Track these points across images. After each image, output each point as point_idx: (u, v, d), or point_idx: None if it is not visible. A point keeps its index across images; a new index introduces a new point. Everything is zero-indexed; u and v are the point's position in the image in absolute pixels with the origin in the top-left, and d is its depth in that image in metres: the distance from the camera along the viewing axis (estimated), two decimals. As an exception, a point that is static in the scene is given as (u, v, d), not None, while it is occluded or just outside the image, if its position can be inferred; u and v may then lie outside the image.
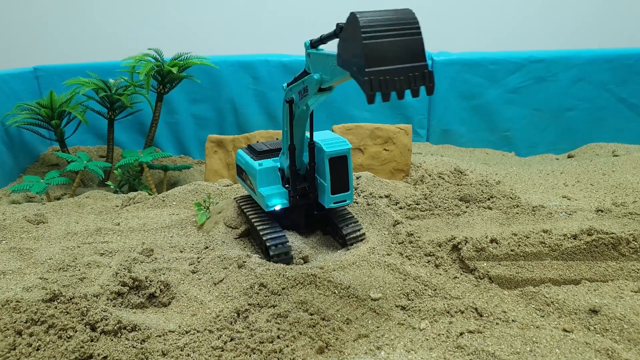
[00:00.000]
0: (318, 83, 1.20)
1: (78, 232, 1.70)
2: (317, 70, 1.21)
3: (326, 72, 1.17)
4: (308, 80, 1.25)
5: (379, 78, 0.90)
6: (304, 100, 1.31)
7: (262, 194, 1.46)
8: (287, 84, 1.41)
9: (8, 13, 3.30)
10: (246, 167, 1.57)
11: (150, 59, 2.51)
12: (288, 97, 1.37)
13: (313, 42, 1.23)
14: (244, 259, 1.43)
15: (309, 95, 1.27)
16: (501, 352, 0.99)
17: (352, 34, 0.93)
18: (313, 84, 1.23)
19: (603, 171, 2.18)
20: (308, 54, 1.23)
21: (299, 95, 1.34)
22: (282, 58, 2.97)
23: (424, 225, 1.66)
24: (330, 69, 1.13)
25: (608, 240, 1.35)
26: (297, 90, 1.34)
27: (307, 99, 1.29)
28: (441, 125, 3.01)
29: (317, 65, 1.21)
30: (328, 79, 1.17)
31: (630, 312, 1.11)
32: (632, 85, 2.78)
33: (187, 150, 3.13)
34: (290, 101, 1.36)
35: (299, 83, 1.32)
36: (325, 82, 1.20)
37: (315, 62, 1.21)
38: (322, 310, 1.16)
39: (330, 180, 1.44)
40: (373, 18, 0.92)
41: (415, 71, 0.93)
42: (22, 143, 2.75)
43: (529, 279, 1.31)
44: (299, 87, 1.32)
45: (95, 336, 1.08)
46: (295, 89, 1.34)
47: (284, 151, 1.50)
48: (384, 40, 0.92)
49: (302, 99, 1.32)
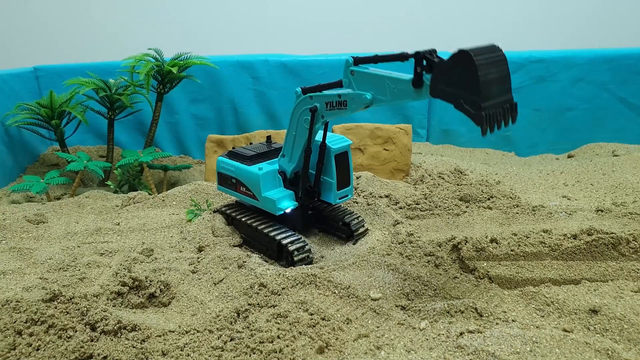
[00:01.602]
0: (368, 102, 1.22)
1: (78, 232, 1.71)
2: (366, 89, 1.22)
3: (381, 93, 1.19)
4: (353, 97, 1.25)
5: (489, 112, 1.02)
6: (337, 114, 1.31)
7: (271, 198, 1.45)
8: (301, 89, 1.39)
9: (8, 13, 3.30)
10: (239, 173, 1.54)
11: (150, 59, 2.51)
12: (311, 106, 1.36)
13: (358, 59, 1.26)
14: (244, 259, 1.43)
15: (347, 109, 1.28)
16: (501, 352, 0.99)
17: (461, 69, 1.02)
18: (361, 103, 1.23)
19: (603, 171, 2.18)
20: (351, 71, 1.23)
21: (326, 105, 1.33)
22: (282, 58, 2.97)
23: (424, 225, 1.66)
24: (391, 91, 1.17)
25: (608, 240, 1.35)
26: (327, 101, 1.32)
27: (343, 113, 1.29)
28: (441, 125, 3.01)
29: (365, 84, 1.22)
30: (385, 99, 1.20)
31: (630, 312, 1.11)
32: (632, 85, 2.78)
33: (187, 150, 3.13)
34: (314, 110, 1.35)
35: (332, 95, 1.30)
36: (379, 102, 1.22)
37: (364, 81, 1.22)
38: (322, 310, 1.16)
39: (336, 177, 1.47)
40: (481, 56, 1.02)
41: (507, 103, 1.06)
42: (22, 143, 2.75)
43: (529, 279, 1.31)
44: (331, 99, 1.31)
45: (95, 336, 1.08)
46: (324, 99, 1.33)
47: (285, 153, 1.50)
48: (491, 77, 1.03)
49: (332, 111, 1.32)
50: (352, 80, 1.26)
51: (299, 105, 1.41)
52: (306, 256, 1.43)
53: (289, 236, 1.46)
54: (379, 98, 1.22)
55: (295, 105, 1.41)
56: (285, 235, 1.46)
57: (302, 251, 1.43)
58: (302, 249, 1.43)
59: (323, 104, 1.34)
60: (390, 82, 1.17)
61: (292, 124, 1.44)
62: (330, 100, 1.32)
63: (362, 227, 1.59)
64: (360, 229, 1.58)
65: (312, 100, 1.36)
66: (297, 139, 1.44)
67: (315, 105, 1.35)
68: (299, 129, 1.43)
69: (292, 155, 1.48)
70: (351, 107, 1.28)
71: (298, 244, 1.43)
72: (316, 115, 1.36)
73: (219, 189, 1.67)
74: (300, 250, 1.43)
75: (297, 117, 1.42)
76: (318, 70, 2.95)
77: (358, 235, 1.57)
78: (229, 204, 1.70)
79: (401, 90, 1.16)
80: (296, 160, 1.47)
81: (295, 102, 1.41)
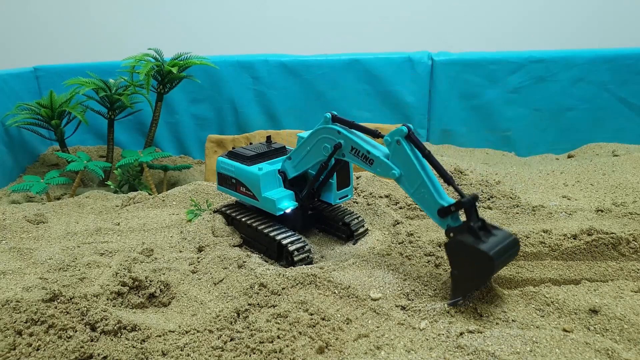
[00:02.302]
0: (393, 176, 1.23)
1: (78, 232, 1.71)
2: (399, 167, 1.22)
3: (410, 183, 1.21)
4: (381, 164, 1.25)
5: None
6: (358, 163, 1.31)
7: (272, 198, 1.45)
8: (331, 115, 1.35)
9: (8, 13, 3.30)
10: (239, 173, 1.54)
11: (150, 59, 2.51)
12: (336, 142, 1.33)
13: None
14: (244, 259, 1.43)
15: (370, 168, 1.28)
16: (501, 352, 0.99)
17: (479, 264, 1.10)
18: (386, 173, 1.24)
19: (603, 171, 2.18)
20: (397, 140, 1.20)
21: (351, 149, 1.31)
22: (282, 58, 2.97)
23: (424, 225, 1.66)
24: (418, 192, 1.20)
25: (608, 240, 1.35)
26: (353, 146, 1.31)
27: (364, 167, 1.29)
28: (441, 125, 3.01)
29: (402, 162, 1.21)
30: (407, 190, 1.23)
31: (630, 312, 1.11)
32: (632, 85, 2.78)
33: (187, 150, 3.13)
34: (338, 146, 1.33)
35: (361, 146, 1.28)
36: (402, 185, 1.24)
37: (403, 160, 1.21)
38: (322, 310, 1.16)
39: (336, 178, 1.48)
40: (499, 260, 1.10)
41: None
42: (22, 143, 2.75)
43: (529, 279, 1.31)
44: (359, 149, 1.29)
45: (95, 336, 1.08)
46: (351, 143, 1.31)
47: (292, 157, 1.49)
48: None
49: (355, 158, 1.31)
50: (394, 147, 1.22)
51: (323, 131, 1.37)
52: (306, 256, 1.43)
53: (289, 236, 1.46)
54: (404, 183, 1.23)
55: (320, 128, 1.38)
56: (285, 236, 1.46)
57: (302, 251, 1.43)
58: (302, 249, 1.43)
59: (349, 146, 1.32)
60: (424, 187, 1.19)
61: (310, 141, 1.41)
62: (357, 149, 1.30)
63: (362, 227, 1.59)
64: (360, 229, 1.58)
65: (339, 135, 1.33)
66: (309, 155, 1.44)
67: (340, 142, 1.33)
68: (314, 149, 1.41)
69: (298, 164, 1.48)
70: (376, 171, 1.27)
71: (298, 244, 1.43)
72: (338, 152, 1.35)
73: (219, 189, 1.67)
74: (300, 250, 1.43)
75: (316, 139, 1.39)
76: (318, 71, 2.95)
77: (358, 235, 1.57)
78: (229, 204, 1.70)
79: (426, 201, 1.20)
80: (301, 170, 1.48)
81: (321, 125, 1.37)
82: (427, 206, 1.20)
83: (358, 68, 2.92)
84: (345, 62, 2.93)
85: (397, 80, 2.91)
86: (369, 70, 2.91)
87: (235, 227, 1.64)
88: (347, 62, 2.93)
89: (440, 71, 2.90)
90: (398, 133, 1.20)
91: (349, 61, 2.93)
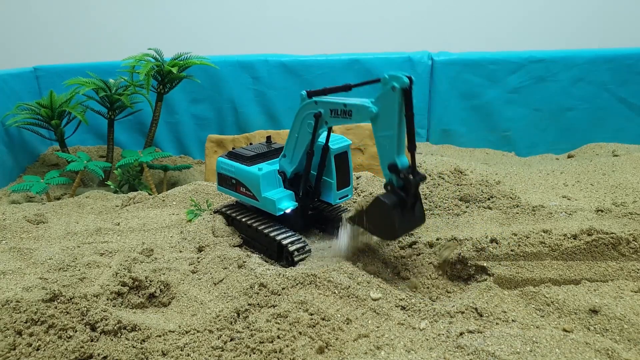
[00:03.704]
0: (374, 116, 1.22)
1: (78, 232, 1.71)
2: (379, 107, 1.21)
3: (382, 122, 1.21)
4: (359, 108, 1.25)
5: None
6: (341, 122, 1.31)
7: (271, 198, 1.45)
8: (306, 92, 1.38)
9: (8, 13, 3.30)
10: (239, 173, 1.54)
11: (150, 59, 2.51)
12: (315, 111, 1.35)
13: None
14: (244, 259, 1.43)
15: (351, 119, 1.28)
16: (501, 352, 0.99)
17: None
18: (366, 115, 1.24)
19: (603, 171, 2.18)
20: (392, 87, 1.16)
21: (331, 112, 1.32)
22: (281, 58, 2.97)
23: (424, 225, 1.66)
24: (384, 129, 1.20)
25: (608, 240, 1.35)
26: (331, 108, 1.32)
27: (347, 122, 1.30)
28: (441, 125, 3.01)
29: (384, 106, 1.20)
30: (377, 125, 1.22)
31: (630, 312, 1.11)
32: (632, 85, 2.78)
33: (187, 150, 3.13)
34: (318, 115, 1.34)
35: (337, 103, 1.30)
36: (373, 117, 1.23)
37: (387, 105, 1.19)
38: (322, 310, 1.16)
39: (336, 178, 1.48)
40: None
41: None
42: (22, 143, 2.75)
43: (529, 279, 1.31)
44: (336, 107, 1.30)
45: (95, 336, 1.08)
46: (329, 106, 1.32)
47: (286, 153, 1.50)
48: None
49: (336, 118, 1.32)
50: (387, 90, 1.19)
51: (303, 109, 1.39)
52: (306, 256, 1.43)
53: (289, 236, 1.46)
54: (376, 123, 1.23)
55: (300, 108, 1.40)
56: (285, 236, 1.46)
57: (302, 251, 1.43)
58: (302, 249, 1.43)
59: (327, 110, 1.33)
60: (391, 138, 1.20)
61: (295, 126, 1.43)
62: (335, 108, 1.31)
63: None
64: None
65: (317, 105, 1.35)
66: (299, 141, 1.44)
67: (320, 111, 1.34)
68: (301, 132, 1.42)
69: (293, 156, 1.48)
70: (355, 118, 1.28)
71: (298, 244, 1.43)
72: (320, 121, 1.36)
73: (219, 189, 1.67)
74: (300, 250, 1.43)
75: (300, 120, 1.41)
76: (318, 70, 2.95)
77: None
78: (229, 204, 1.70)
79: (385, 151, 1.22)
80: (297, 161, 1.47)
81: (300, 105, 1.40)
82: (382, 154, 1.22)
83: (358, 68, 2.92)
84: (345, 62, 2.93)
85: (397, 80, 2.91)
86: (369, 70, 2.91)
87: (235, 228, 1.64)
88: (347, 62, 2.93)
89: (440, 71, 2.90)
90: (399, 81, 1.16)
91: (349, 61, 2.93)
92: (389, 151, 1.21)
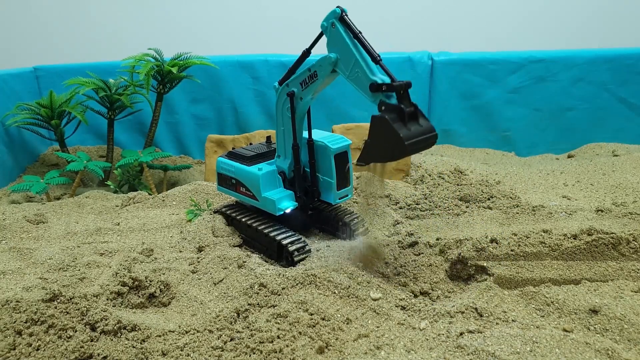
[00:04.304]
0: (333, 62, 1.25)
1: (78, 232, 1.71)
2: (335, 51, 1.25)
3: (343, 61, 1.24)
4: (321, 62, 1.28)
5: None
6: (312, 89, 1.34)
7: (271, 198, 1.45)
8: (278, 82, 1.43)
9: (8, 13, 3.30)
10: (239, 174, 1.54)
11: (150, 59, 2.51)
12: (288, 92, 1.38)
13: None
14: (244, 259, 1.43)
15: (319, 79, 1.31)
16: (501, 352, 0.99)
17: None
18: (327, 65, 1.27)
19: (603, 171, 2.18)
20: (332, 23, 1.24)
21: (301, 85, 1.36)
22: (281, 58, 2.97)
23: (424, 225, 1.66)
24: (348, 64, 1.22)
25: (608, 240, 1.35)
26: (300, 81, 1.36)
27: (317, 86, 1.32)
28: (441, 125, 3.00)
29: (336, 46, 1.25)
30: (344, 74, 1.25)
31: (630, 312, 1.11)
32: (632, 85, 2.78)
33: (187, 150, 3.13)
34: (291, 94, 1.38)
35: (304, 72, 1.34)
36: (341, 72, 1.26)
37: (337, 43, 1.24)
38: (322, 310, 1.16)
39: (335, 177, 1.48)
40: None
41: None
42: (22, 143, 2.75)
43: (529, 279, 1.31)
44: (304, 77, 1.34)
45: (95, 336, 1.08)
46: (298, 80, 1.36)
47: (279, 153, 1.50)
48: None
49: (307, 88, 1.35)
50: (329, 32, 1.27)
51: (280, 98, 1.44)
52: (306, 256, 1.43)
53: (289, 236, 1.46)
54: (340, 67, 1.25)
55: (276, 100, 1.45)
56: (285, 236, 1.46)
57: (302, 251, 1.43)
58: (302, 249, 1.43)
59: (298, 85, 1.37)
60: (357, 66, 1.21)
61: (278, 118, 1.47)
62: (303, 79, 1.35)
63: (361, 226, 1.59)
64: (360, 228, 1.58)
65: (289, 87, 1.39)
66: (285, 133, 1.47)
67: (293, 90, 1.38)
68: (284, 121, 1.45)
69: (285, 152, 1.49)
70: (321, 75, 1.31)
71: (298, 244, 1.43)
72: (295, 99, 1.38)
73: (219, 189, 1.67)
74: (300, 250, 1.43)
75: (280, 110, 1.45)
76: (318, 70, 2.95)
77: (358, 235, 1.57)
78: (228, 204, 1.70)
79: (359, 80, 1.21)
80: (290, 156, 1.48)
81: (276, 97, 1.44)
82: (360, 84, 1.22)
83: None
84: (345, 62, 2.93)
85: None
86: (369, 70, 2.91)
87: (235, 228, 1.64)
88: (347, 62, 2.93)
89: (440, 71, 2.90)
90: (332, 15, 1.26)
91: (349, 61, 2.92)
92: (363, 77, 1.20)
